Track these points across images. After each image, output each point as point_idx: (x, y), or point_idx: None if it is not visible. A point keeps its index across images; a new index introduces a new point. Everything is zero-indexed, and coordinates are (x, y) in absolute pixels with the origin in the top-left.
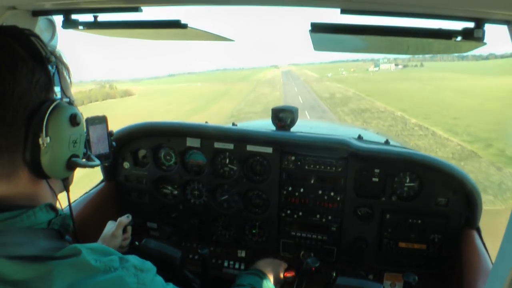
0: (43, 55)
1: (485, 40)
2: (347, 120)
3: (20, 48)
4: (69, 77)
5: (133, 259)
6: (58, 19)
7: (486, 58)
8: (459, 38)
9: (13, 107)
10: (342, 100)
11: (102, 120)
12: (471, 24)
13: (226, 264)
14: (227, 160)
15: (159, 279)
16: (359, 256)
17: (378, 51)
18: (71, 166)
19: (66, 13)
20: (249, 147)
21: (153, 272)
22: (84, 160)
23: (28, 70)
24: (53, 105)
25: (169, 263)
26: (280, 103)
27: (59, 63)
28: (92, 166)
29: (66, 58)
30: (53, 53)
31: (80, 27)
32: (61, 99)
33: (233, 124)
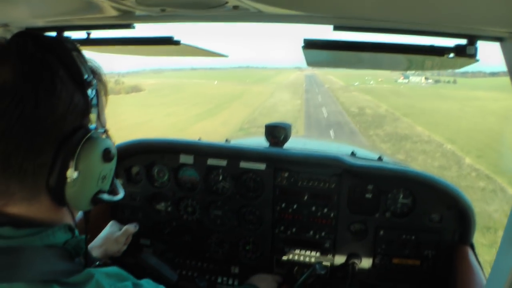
0: (84, 77)
1: (477, 57)
2: (384, 149)
3: (61, 66)
4: (106, 97)
5: (147, 284)
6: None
7: None
8: (451, 55)
9: (45, 132)
10: (373, 118)
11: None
12: (463, 41)
13: (219, 280)
14: (220, 177)
15: None
16: (352, 272)
17: (371, 67)
18: (95, 201)
19: (59, 30)
20: (242, 164)
21: None
22: (108, 195)
23: (67, 94)
24: (88, 136)
25: (164, 283)
26: (300, 115)
27: (98, 83)
28: (116, 200)
29: (105, 75)
30: (94, 71)
31: None
32: (96, 128)
33: (227, 141)
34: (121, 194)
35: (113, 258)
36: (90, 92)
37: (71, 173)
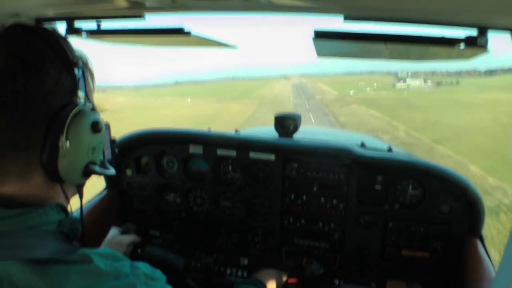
0: (70, 58)
1: (488, 48)
2: None
3: (48, 48)
4: (93, 83)
5: (144, 266)
6: (61, 26)
7: None
8: (462, 46)
9: (36, 106)
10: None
11: (105, 127)
12: (474, 32)
13: (228, 271)
14: (230, 167)
15: None
16: (361, 264)
17: (380, 57)
18: (87, 172)
19: (69, 20)
20: (252, 154)
21: (163, 282)
22: (100, 168)
23: (54, 71)
24: (76, 109)
25: (172, 271)
26: None
27: (85, 68)
28: (108, 174)
29: (92, 64)
30: (80, 57)
31: (83, 35)
32: (85, 104)
33: (236, 131)
34: (112, 170)
35: None
36: (77, 71)
37: (62, 144)
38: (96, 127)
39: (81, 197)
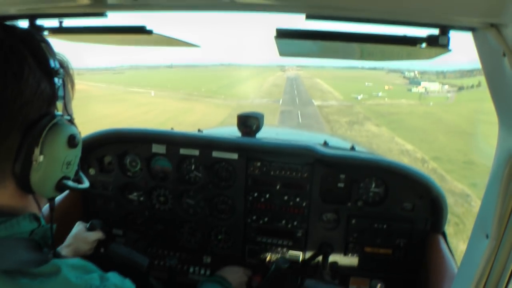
0: (51, 66)
1: (450, 47)
2: None
3: (29, 54)
4: (72, 91)
5: (113, 277)
6: (23, 24)
7: None
8: (423, 45)
9: (12, 116)
10: None
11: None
12: (435, 31)
13: (191, 270)
14: (193, 166)
15: None
16: (325, 261)
17: (343, 57)
18: (60, 187)
19: (31, 18)
20: (215, 153)
21: None
22: (73, 183)
23: (34, 80)
24: (53, 121)
25: (136, 270)
26: None
27: (65, 75)
28: (82, 189)
29: (72, 69)
30: (61, 64)
31: (45, 33)
32: (62, 115)
33: (199, 131)
34: (86, 184)
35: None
36: (57, 81)
37: (36, 157)
38: (72, 141)
39: (52, 209)
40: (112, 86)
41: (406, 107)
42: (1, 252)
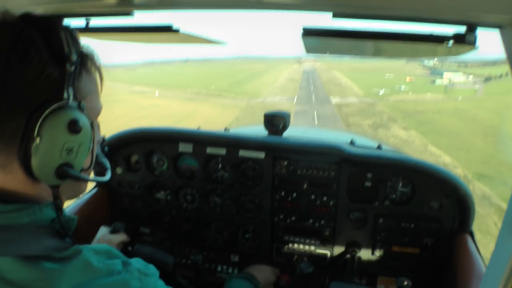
0: (64, 51)
1: (477, 45)
2: None
3: (40, 38)
4: (101, 84)
5: (137, 262)
6: None
7: None
8: (450, 43)
9: (14, 97)
10: None
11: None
12: (462, 29)
13: (219, 268)
14: (220, 165)
15: (161, 283)
16: (352, 260)
17: (369, 54)
18: (61, 174)
19: (58, 18)
20: (242, 152)
21: (156, 277)
22: (75, 171)
23: (39, 63)
24: (55, 105)
25: (162, 269)
26: None
27: (90, 64)
28: (88, 180)
29: (100, 61)
30: (80, 52)
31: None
32: (67, 100)
33: (226, 129)
34: (107, 176)
35: None
36: (69, 66)
37: (34, 140)
38: (73, 126)
39: (55, 198)
40: (116, 84)
41: (433, 104)
42: (25, 238)
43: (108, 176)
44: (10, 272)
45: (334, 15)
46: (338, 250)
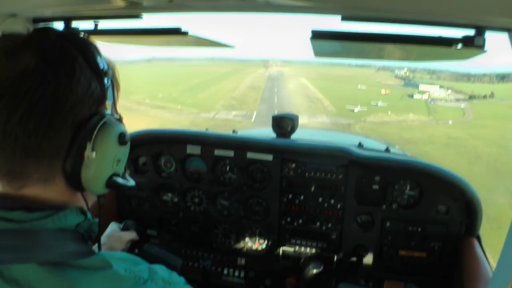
0: (100, 66)
1: (485, 48)
2: None
3: (80, 55)
4: (118, 93)
5: (161, 271)
6: (59, 26)
7: None
8: (459, 46)
9: (64, 114)
10: None
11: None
12: (471, 32)
13: (226, 271)
14: (227, 168)
15: None
16: (359, 264)
17: (378, 57)
18: (110, 184)
19: (67, 20)
20: (250, 155)
21: (180, 284)
22: (122, 180)
23: (85, 79)
24: (104, 120)
25: None
26: None
27: (113, 77)
28: (129, 186)
29: (117, 71)
30: (109, 65)
31: (81, 34)
32: (112, 115)
33: (234, 132)
34: (132, 182)
35: None
36: (106, 81)
37: (88, 154)
38: (123, 139)
39: (100, 206)
40: None
41: (421, 129)
42: (50, 244)
43: (133, 181)
44: (37, 280)
45: (343, 18)
46: (345, 253)
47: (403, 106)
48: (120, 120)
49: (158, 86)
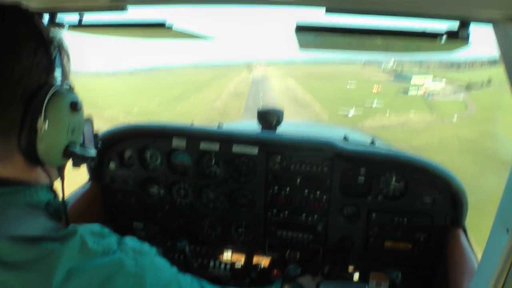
0: (45, 36)
1: (470, 41)
2: None
3: (23, 27)
4: (69, 64)
5: (131, 241)
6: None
7: None
8: (444, 38)
9: (11, 86)
10: None
11: (87, 121)
12: (455, 24)
13: (212, 264)
14: (213, 161)
15: (160, 261)
16: (345, 255)
17: (363, 49)
18: (67, 154)
19: (52, 13)
20: (235, 148)
21: (151, 255)
22: (80, 149)
23: (29, 50)
24: (53, 89)
25: None
26: None
27: (60, 47)
28: (89, 156)
29: (66, 43)
30: (54, 35)
31: (66, 28)
32: (62, 84)
33: (219, 125)
34: (92, 152)
35: None
36: (53, 50)
37: (41, 126)
38: (75, 106)
39: (62, 179)
40: None
41: (428, 132)
42: (25, 219)
43: (93, 152)
44: (8, 254)
45: (327, 10)
46: (330, 245)
47: (400, 104)
48: (71, 88)
49: (135, 99)
